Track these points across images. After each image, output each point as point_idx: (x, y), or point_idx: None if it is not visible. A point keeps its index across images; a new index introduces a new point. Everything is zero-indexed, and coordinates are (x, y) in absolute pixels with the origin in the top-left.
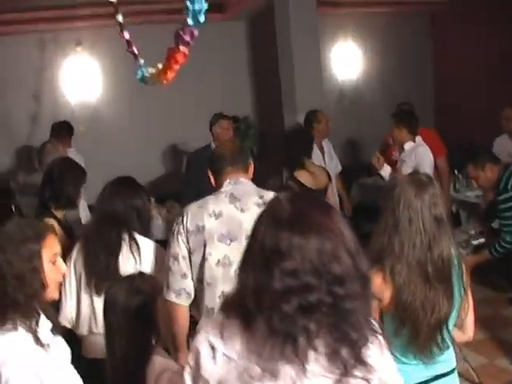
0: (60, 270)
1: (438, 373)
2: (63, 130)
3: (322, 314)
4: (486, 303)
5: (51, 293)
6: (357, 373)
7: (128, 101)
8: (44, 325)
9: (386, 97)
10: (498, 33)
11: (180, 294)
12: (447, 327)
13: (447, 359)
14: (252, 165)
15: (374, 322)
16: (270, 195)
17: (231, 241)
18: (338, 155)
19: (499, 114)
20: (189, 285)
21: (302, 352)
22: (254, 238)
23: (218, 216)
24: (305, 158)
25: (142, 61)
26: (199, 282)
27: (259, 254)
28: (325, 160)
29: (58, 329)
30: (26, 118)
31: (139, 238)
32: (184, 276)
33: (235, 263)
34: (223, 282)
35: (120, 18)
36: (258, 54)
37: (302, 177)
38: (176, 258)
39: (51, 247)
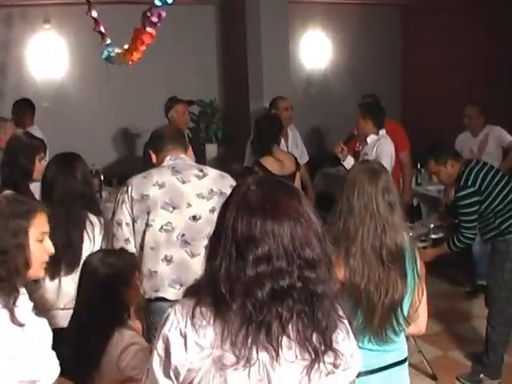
0: (47, 250)
1: (390, 362)
2: (25, 107)
3: (293, 299)
4: (443, 296)
5: (35, 272)
6: (326, 358)
7: (94, 81)
8: (23, 304)
9: (353, 88)
10: (467, 27)
11: None
12: (402, 310)
13: (399, 348)
14: (190, 148)
15: (339, 307)
16: (209, 170)
17: (174, 208)
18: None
19: (463, 111)
20: (131, 249)
21: (275, 339)
22: (222, 224)
23: (161, 186)
24: (273, 145)
25: (108, 40)
26: (141, 248)
27: (231, 241)
28: (288, 147)
29: (39, 309)
30: None
31: (92, 217)
32: (127, 241)
33: (177, 229)
34: (166, 246)
35: None
36: (227, 38)
37: (268, 163)
38: (120, 225)
39: (40, 226)
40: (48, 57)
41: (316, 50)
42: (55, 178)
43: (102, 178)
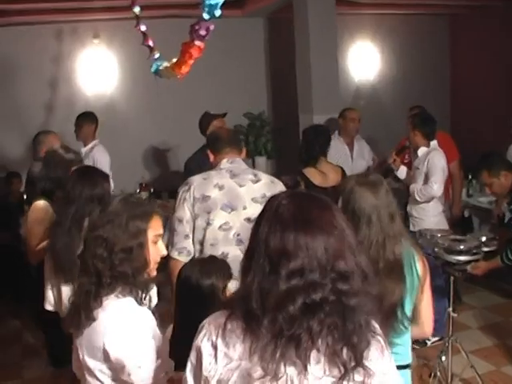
0: (159, 251)
1: None
2: (86, 120)
3: (325, 313)
4: (495, 310)
5: (151, 271)
6: (356, 376)
7: (143, 94)
8: (152, 299)
9: (402, 99)
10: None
11: (182, 252)
12: (403, 311)
13: (401, 352)
14: (244, 150)
15: (374, 324)
16: (262, 175)
17: (232, 209)
18: None
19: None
20: (190, 244)
21: (304, 353)
22: (256, 239)
23: (221, 188)
24: (319, 156)
25: (157, 54)
26: (200, 244)
27: (264, 256)
28: (352, 157)
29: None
30: (42, 107)
31: None
32: (187, 237)
33: (234, 228)
34: (224, 243)
35: (137, 10)
36: (276, 50)
37: (311, 174)
38: (181, 221)
39: (156, 228)
40: (98, 71)
41: (364, 61)
42: (75, 185)
43: (152, 190)
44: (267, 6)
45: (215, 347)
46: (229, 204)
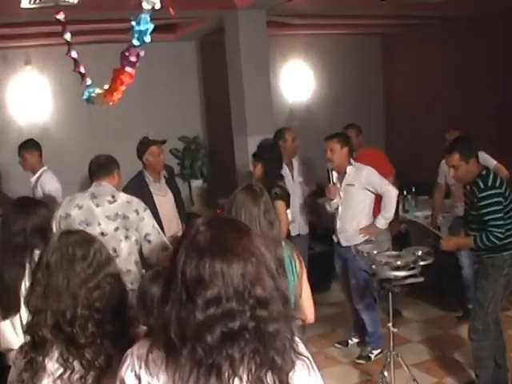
0: None
1: None
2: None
3: (245, 340)
4: (435, 323)
5: None
6: None
7: (76, 121)
8: None
9: (336, 118)
10: (445, 50)
11: None
12: None
13: None
14: (116, 173)
15: (299, 343)
16: (120, 197)
17: (87, 225)
18: None
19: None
20: None
21: (226, 381)
22: (173, 268)
23: (80, 207)
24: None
25: (89, 81)
26: None
27: (181, 286)
28: (293, 177)
29: None
30: None
31: None
32: None
33: None
34: None
35: (68, 36)
36: (209, 73)
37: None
38: None
39: None
40: (31, 98)
41: (297, 81)
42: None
43: None
44: (199, 29)
45: (139, 378)
46: (85, 220)
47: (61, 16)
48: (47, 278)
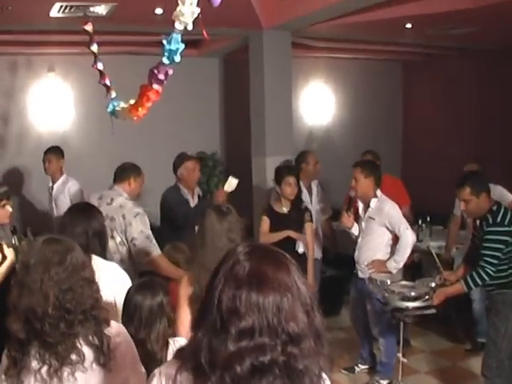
0: None
1: None
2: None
3: (274, 375)
4: (444, 354)
5: None
6: None
7: (97, 131)
8: None
9: (354, 142)
10: (467, 81)
11: None
12: None
13: None
14: (132, 179)
15: (326, 380)
16: (117, 201)
17: None
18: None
19: (462, 168)
20: None
21: None
22: (210, 293)
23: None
24: None
25: (113, 94)
26: None
27: (216, 313)
28: (311, 200)
29: None
30: None
31: (98, 260)
32: None
33: None
34: None
35: (95, 48)
36: (231, 91)
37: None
38: None
39: None
40: (52, 106)
41: (318, 104)
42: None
43: None
44: (223, 46)
45: None
46: None
47: (89, 27)
48: (23, 277)
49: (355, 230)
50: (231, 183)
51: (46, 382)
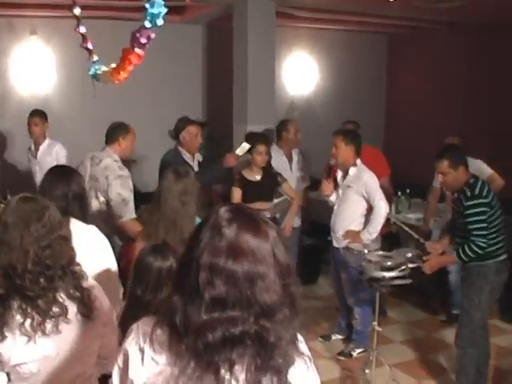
0: None
1: None
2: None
3: (245, 345)
4: (418, 325)
5: None
6: None
7: (79, 95)
8: None
9: (336, 112)
10: (451, 54)
11: None
12: None
13: None
14: (120, 139)
15: (301, 342)
16: (104, 162)
17: None
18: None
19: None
20: None
21: (222, 381)
22: (189, 259)
23: (82, 163)
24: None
25: (95, 57)
26: None
27: (193, 278)
28: (291, 168)
29: None
30: None
31: (76, 223)
32: None
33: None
34: None
35: (77, 11)
36: (214, 59)
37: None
38: None
39: None
40: (34, 69)
41: (301, 73)
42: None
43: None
44: (207, 13)
45: (142, 351)
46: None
47: None
48: (2, 235)
49: (334, 198)
50: (243, 147)
51: (31, 334)
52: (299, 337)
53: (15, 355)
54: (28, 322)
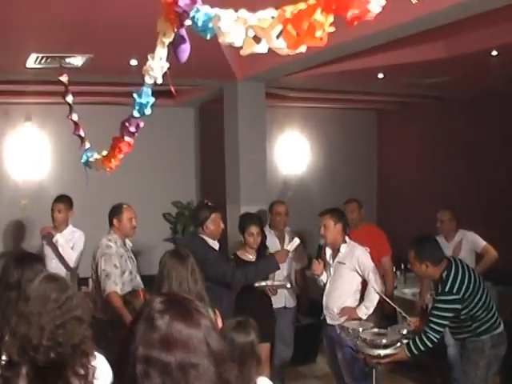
0: None
1: None
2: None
3: None
4: None
5: None
6: None
7: (73, 181)
8: None
9: (329, 190)
10: (440, 136)
11: None
12: None
13: None
14: (116, 220)
15: None
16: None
17: None
18: None
19: (436, 214)
20: None
21: None
22: (126, 351)
23: None
24: None
25: (87, 145)
26: None
27: (131, 370)
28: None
29: None
30: None
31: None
32: None
33: None
34: None
35: (69, 99)
36: (206, 141)
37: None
38: None
39: None
40: (28, 155)
41: (293, 153)
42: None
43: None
44: (199, 96)
45: None
46: None
47: (64, 78)
48: (24, 308)
49: (324, 278)
50: (294, 243)
51: None
52: None
53: None
54: None
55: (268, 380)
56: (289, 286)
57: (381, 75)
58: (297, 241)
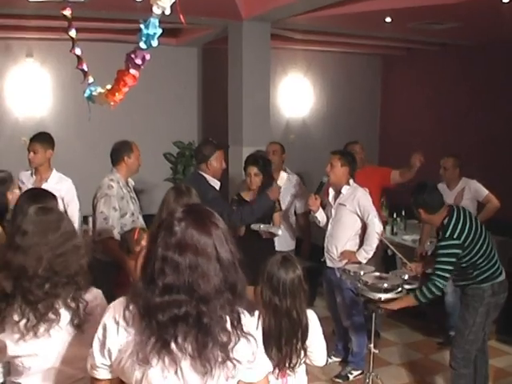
0: None
1: None
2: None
3: (188, 324)
4: (415, 347)
5: None
6: (222, 368)
7: (74, 117)
8: None
9: (331, 133)
10: (445, 76)
11: None
12: None
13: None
14: (126, 157)
15: (245, 324)
16: (102, 180)
17: None
18: None
19: (439, 161)
20: None
21: (172, 354)
22: (150, 253)
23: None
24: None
25: (91, 79)
26: None
27: (151, 268)
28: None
29: None
30: None
31: None
32: None
33: None
34: None
35: (73, 33)
36: (209, 81)
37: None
38: None
39: None
40: (29, 91)
41: (296, 95)
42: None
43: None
44: (202, 36)
45: (117, 323)
46: None
47: (67, 12)
48: (20, 241)
49: (319, 215)
50: (282, 178)
51: (23, 334)
52: (245, 320)
53: (9, 348)
54: (23, 322)
55: (313, 312)
56: (280, 233)
57: (388, 19)
58: (284, 175)
